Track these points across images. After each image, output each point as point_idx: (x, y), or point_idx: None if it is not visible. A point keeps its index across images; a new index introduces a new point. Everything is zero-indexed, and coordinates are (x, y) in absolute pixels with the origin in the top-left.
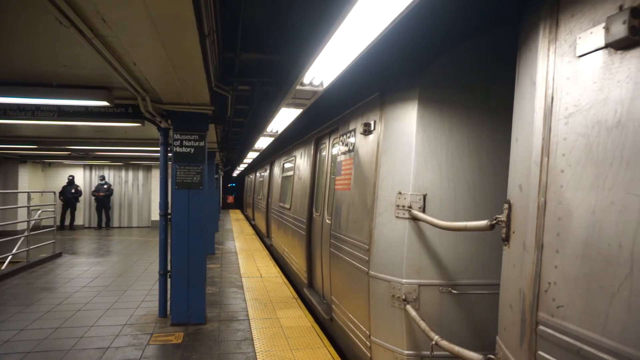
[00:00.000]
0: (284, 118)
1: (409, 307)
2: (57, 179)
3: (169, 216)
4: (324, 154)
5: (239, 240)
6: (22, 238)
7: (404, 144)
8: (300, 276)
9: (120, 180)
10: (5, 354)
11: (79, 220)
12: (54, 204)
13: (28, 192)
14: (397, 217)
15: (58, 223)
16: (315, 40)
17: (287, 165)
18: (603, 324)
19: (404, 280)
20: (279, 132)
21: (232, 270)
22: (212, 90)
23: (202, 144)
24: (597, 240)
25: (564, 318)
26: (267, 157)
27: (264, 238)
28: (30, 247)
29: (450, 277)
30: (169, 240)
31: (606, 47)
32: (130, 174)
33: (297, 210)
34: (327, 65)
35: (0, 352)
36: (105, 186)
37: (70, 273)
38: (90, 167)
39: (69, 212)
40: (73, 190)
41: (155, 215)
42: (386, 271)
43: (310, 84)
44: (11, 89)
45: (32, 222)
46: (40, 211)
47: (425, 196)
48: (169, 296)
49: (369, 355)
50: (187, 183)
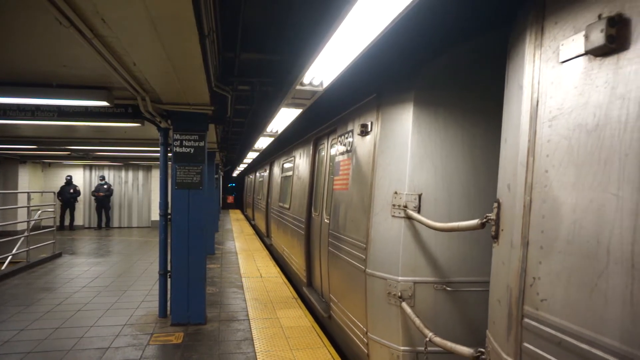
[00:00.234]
0: (283, 118)
1: (404, 304)
2: (57, 179)
3: (169, 216)
4: (322, 154)
5: (239, 240)
6: (22, 238)
7: (400, 145)
8: (299, 275)
9: (120, 181)
10: (5, 354)
11: (78, 220)
12: (54, 204)
13: (28, 193)
14: (393, 216)
15: (58, 223)
16: (315, 40)
17: (286, 165)
18: (583, 316)
19: (399, 278)
20: (279, 132)
21: (232, 270)
22: (212, 90)
23: (202, 144)
24: (577, 237)
25: (547, 311)
26: (267, 158)
27: (264, 238)
28: (30, 247)
29: (444, 274)
30: (169, 241)
31: (586, 53)
32: (130, 174)
33: (297, 210)
34: (327, 65)
35: (0, 353)
36: (105, 186)
37: (70, 273)
38: (90, 167)
39: (68, 212)
40: (71, 191)
41: (155, 215)
42: (383, 269)
43: (310, 84)
44: (11, 89)
45: (32, 223)
46: (40, 211)
47: (420, 196)
48: (169, 296)
49: (366, 352)
50: (187, 183)
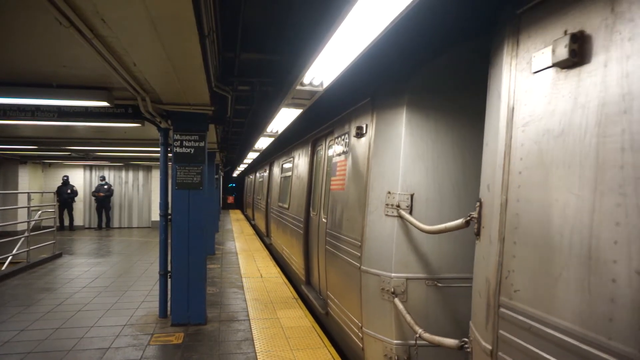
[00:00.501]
0: (283, 118)
1: (396, 300)
2: (57, 180)
3: (169, 216)
4: (320, 155)
5: (239, 240)
6: (22, 239)
7: (393, 146)
8: (298, 274)
9: (120, 181)
10: (5, 355)
11: (79, 220)
12: (54, 205)
13: (28, 193)
14: (386, 215)
15: (57, 224)
16: (315, 40)
17: (285, 165)
18: (548, 303)
19: (392, 275)
20: (279, 132)
21: (233, 271)
22: (212, 90)
23: (202, 144)
24: (545, 232)
25: (519, 300)
26: (267, 158)
27: (264, 237)
28: (31, 247)
29: (435, 271)
30: (169, 241)
31: (553, 66)
32: (131, 174)
33: (295, 210)
34: (327, 65)
35: (0, 353)
36: (105, 186)
37: (71, 273)
38: (91, 167)
39: (66, 212)
40: (68, 191)
41: (156, 215)
42: (376, 266)
43: (310, 84)
44: (11, 89)
45: (32, 223)
46: (40, 212)
47: (412, 196)
48: (169, 296)
49: (362, 346)
50: (187, 183)
